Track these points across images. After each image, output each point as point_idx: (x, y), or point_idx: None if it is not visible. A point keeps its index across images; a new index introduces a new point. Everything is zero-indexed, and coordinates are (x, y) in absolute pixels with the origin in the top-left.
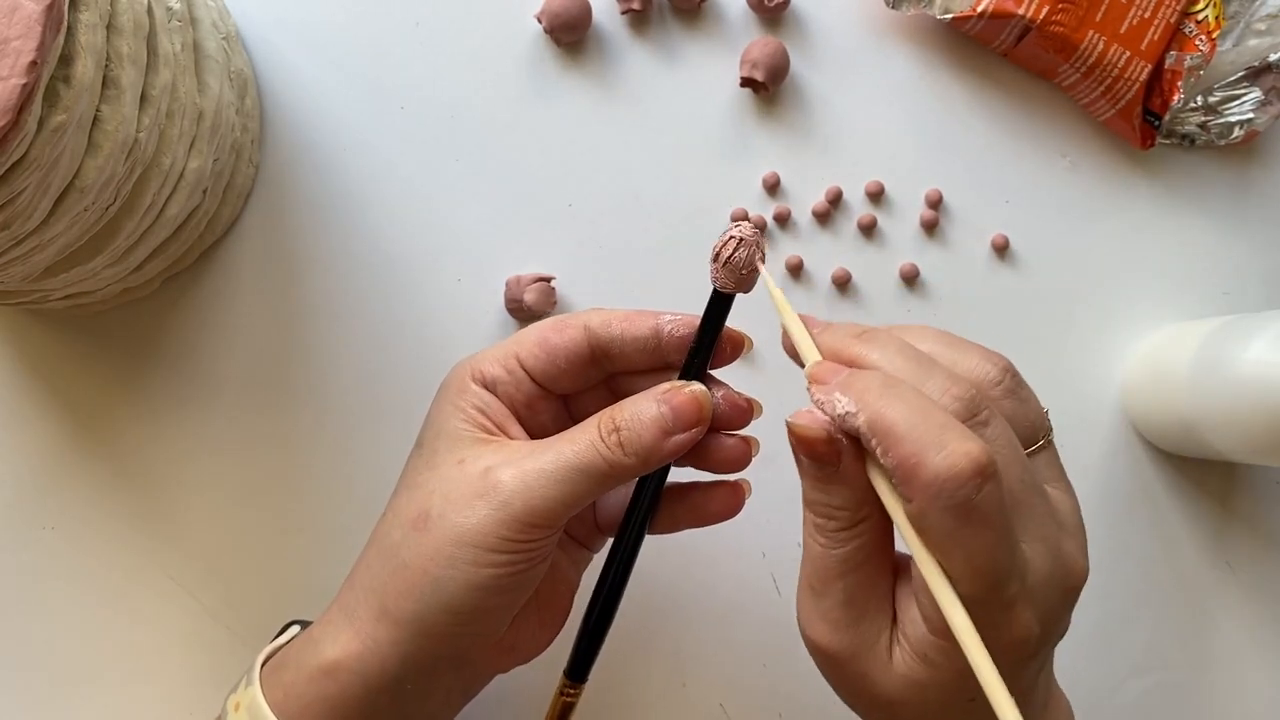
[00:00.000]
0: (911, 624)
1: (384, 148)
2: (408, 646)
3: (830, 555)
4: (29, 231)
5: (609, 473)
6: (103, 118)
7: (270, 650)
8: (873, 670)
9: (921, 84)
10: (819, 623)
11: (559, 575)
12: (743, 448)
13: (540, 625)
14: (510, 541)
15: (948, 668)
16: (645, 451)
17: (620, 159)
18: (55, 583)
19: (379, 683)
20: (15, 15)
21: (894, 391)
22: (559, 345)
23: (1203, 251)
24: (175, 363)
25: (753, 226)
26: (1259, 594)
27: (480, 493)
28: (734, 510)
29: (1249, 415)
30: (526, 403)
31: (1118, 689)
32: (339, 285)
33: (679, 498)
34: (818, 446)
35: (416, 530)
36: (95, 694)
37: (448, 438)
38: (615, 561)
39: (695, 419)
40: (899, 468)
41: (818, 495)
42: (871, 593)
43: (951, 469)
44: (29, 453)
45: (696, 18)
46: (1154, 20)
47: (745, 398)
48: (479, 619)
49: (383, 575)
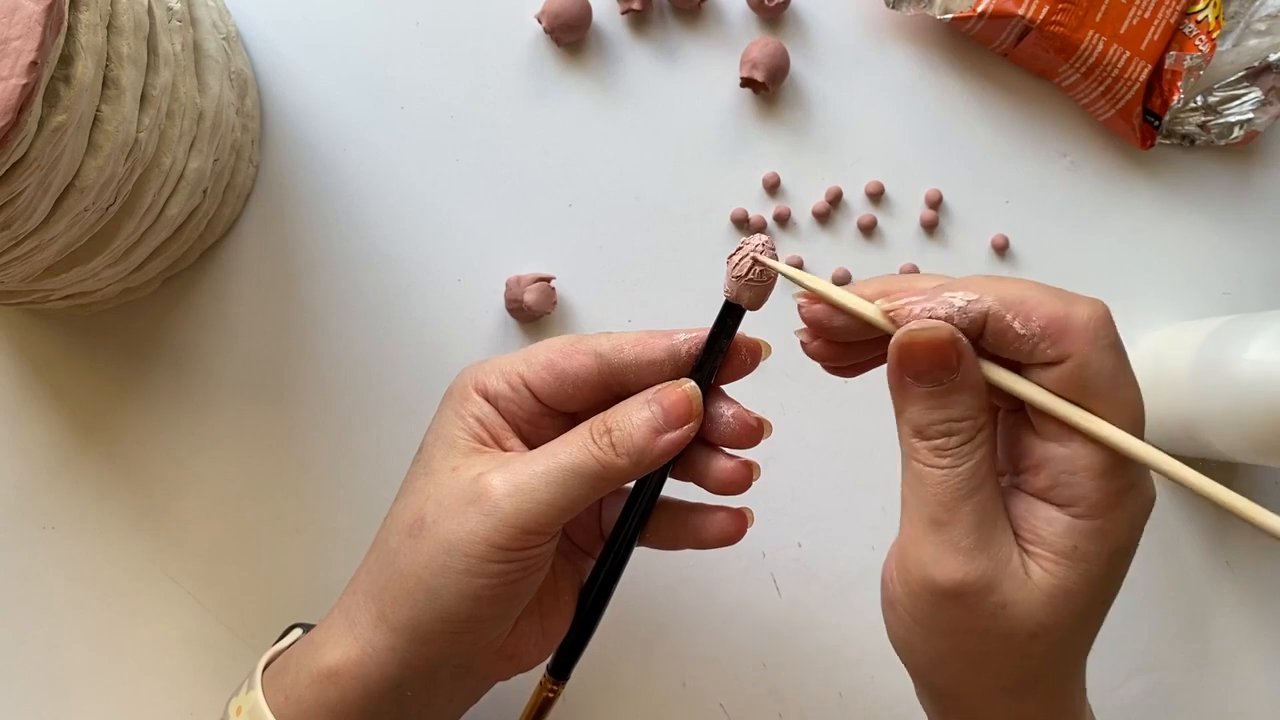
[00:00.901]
0: (1047, 524)
1: (384, 148)
2: (406, 653)
3: (957, 475)
4: (29, 232)
5: (602, 474)
6: (103, 118)
7: (272, 654)
8: (1014, 593)
9: (921, 84)
10: (950, 557)
11: (562, 584)
12: (743, 470)
13: (543, 633)
14: (503, 550)
15: (1100, 556)
16: (637, 451)
17: (620, 159)
18: (55, 583)
19: (379, 688)
20: (15, 15)
21: (1001, 278)
22: (568, 371)
23: (1203, 251)
24: (175, 363)
25: (767, 241)
26: (1259, 594)
27: (471, 499)
28: (733, 537)
29: (1249, 415)
30: (528, 419)
31: (1118, 689)
32: (339, 285)
33: (681, 518)
34: (944, 350)
35: (412, 537)
36: (95, 694)
37: (444, 445)
38: (606, 561)
39: (686, 415)
40: (1049, 326)
41: (936, 414)
42: (998, 508)
43: (1098, 311)
44: (29, 453)
45: (696, 18)
46: (1154, 20)
47: (756, 416)
48: (474, 627)
49: (381, 581)
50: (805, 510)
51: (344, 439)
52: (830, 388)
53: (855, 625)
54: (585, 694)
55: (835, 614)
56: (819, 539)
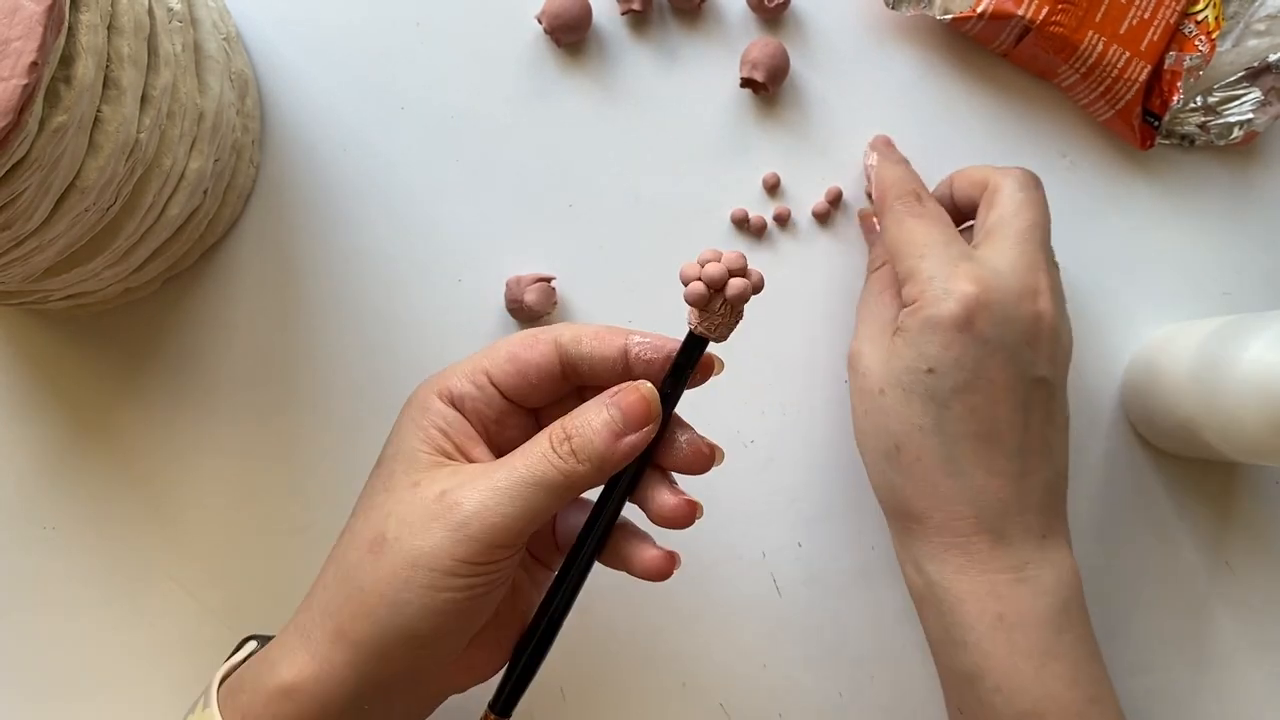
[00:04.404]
0: None
1: (384, 148)
2: (364, 669)
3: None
4: (30, 232)
5: (564, 483)
6: (104, 118)
7: (227, 669)
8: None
9: (921, 84)
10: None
11: (518, 594)
12: (685, 508)
13: (498, 644)
14: (469, 564)
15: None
16: (599, 457)
17: (620, 159)
18: (55, 583)
19: (337, 704)
20: (16, 16)
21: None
22: (530, 361)
23: (1203, 251)
24: (175, 363)
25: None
26: (1259, 594)
27: (436, 515)
28: (659, 575)
29: (1249, 415)
30: (496, 418)
31: (1118, 689)
32: (339, 285)
33: (619, 540)
34: None
35: (373, 554)
36: (95, 694)
37: (404, 459)
38: (560, 589)
39: (645, 418)
40: None
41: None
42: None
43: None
44: (29, 453)
45: (696, 18)
46: (1153, 21)
47: (709, 443)
48: (436, 642)
49: (339, 598)
50: (805, 510)
51: (344, 439)
52: (830, 388)
53: (855, 625)
54: (585, 694)
55: (835, 614)
56: (819, 539)
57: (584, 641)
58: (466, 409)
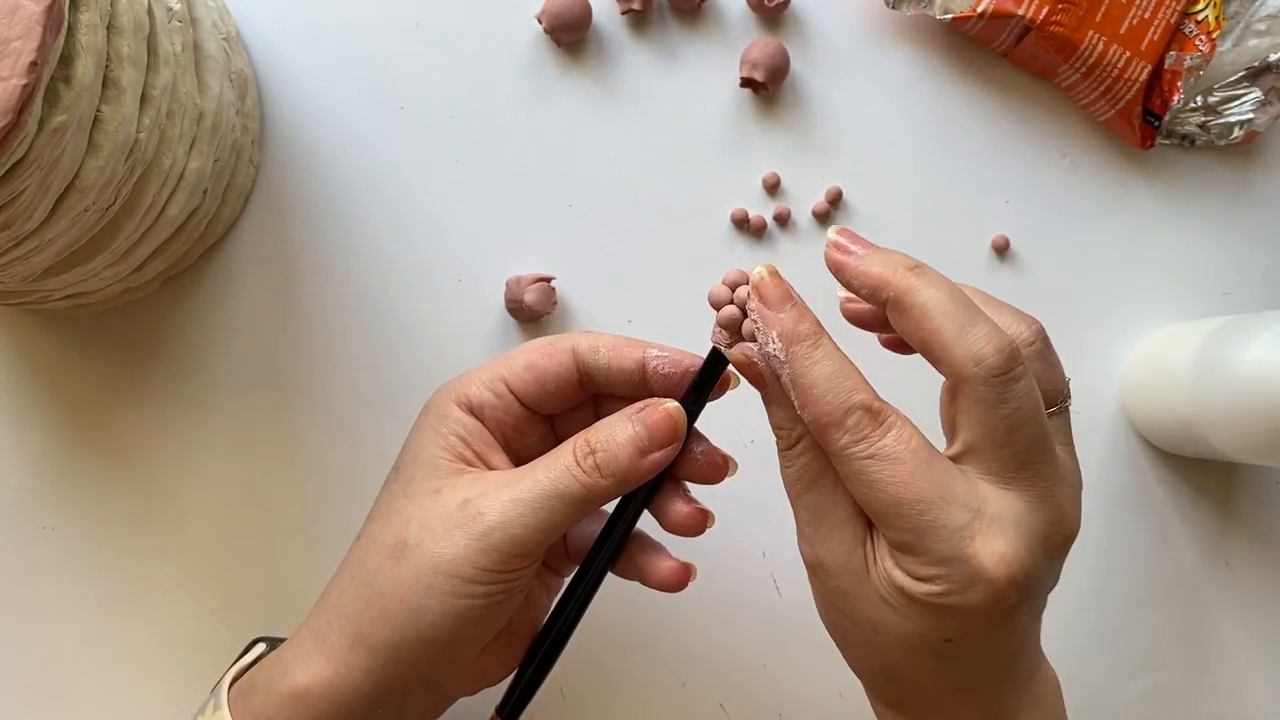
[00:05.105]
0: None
1: (384, 148)
2: (381, 673)
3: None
4: (29, 232)
5: (586, 497)
6: (103, 118)
7: (237, 671)
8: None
9: (921, 84)
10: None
11: (530, 601)
12: (698, 517)
13: (509, 650)
14: (490, 572)
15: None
16: (622, 473)
17: (620, 159)
18: (55, 583)
19: (351, 709)
20: (16, 16)
21: None
22: (548, 370)
23: (1203, 251)
24: (175, 363)
25: None
26: (1259, 594)
27: (458, 523)
28: (675, 587)
29: (1249, 415)
30: (514, 426)
31: (1118, 689)
32: (339, 285)
33: (635, 551)
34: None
35: (394, 559)
36: (95, 694)
37: (425, 465)
38: (573, 599)
39: (670, 436)
40: None
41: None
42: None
43: None
44: (29, 453)
45: (696, 18)
46: (1154, 21)
47: (723, 455)
48: (454, 647)
49: (358, 602)
50: None
51: (344, 439)
52: None
53: None
54: (585, 694)
55: None
56: None
57: (584, 641)
58: (485, 417)
